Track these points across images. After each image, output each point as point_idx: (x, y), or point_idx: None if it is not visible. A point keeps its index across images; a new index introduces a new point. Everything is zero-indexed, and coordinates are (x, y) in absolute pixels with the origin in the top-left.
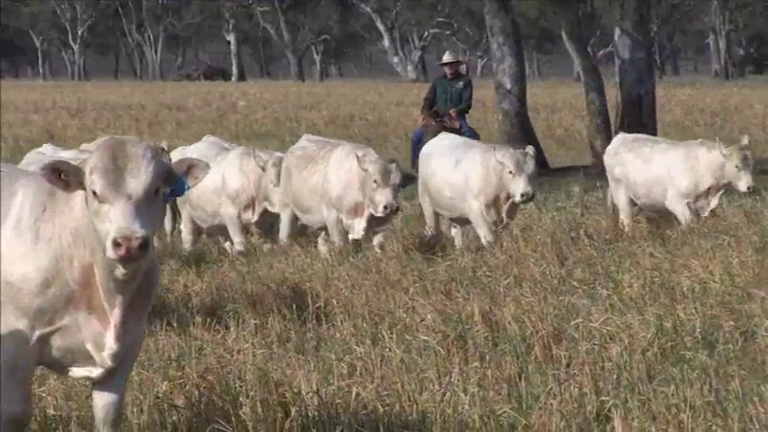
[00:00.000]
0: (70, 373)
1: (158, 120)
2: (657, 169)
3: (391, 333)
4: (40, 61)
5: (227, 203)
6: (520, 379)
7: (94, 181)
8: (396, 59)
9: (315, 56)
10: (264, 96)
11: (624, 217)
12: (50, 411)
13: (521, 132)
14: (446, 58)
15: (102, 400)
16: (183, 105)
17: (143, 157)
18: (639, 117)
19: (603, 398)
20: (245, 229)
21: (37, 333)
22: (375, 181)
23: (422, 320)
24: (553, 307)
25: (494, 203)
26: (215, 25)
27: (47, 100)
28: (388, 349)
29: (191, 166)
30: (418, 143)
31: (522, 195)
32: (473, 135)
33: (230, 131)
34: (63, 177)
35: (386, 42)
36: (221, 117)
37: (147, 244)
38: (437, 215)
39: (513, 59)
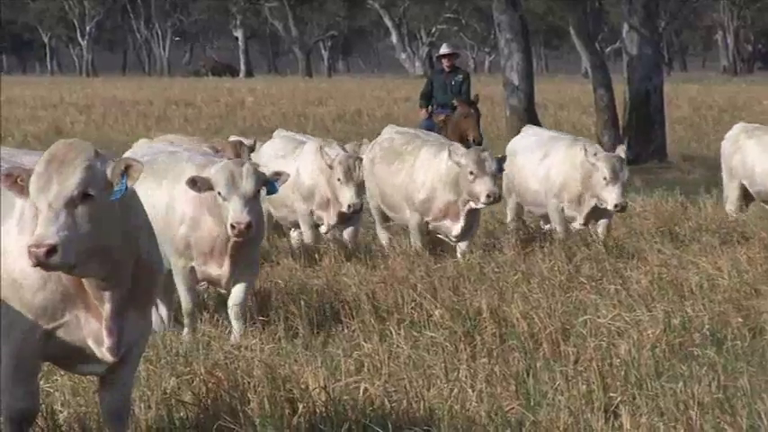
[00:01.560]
0: (76, 370)
1: (166, 116)
2: None
3: (399, 329)
4: (47, 57)
5: (299, 199)
6: (528, 375)
7: (31, 183)
8: (403, 55)
9: (323, 52)
10: (272, 92)
11: (732, 208)
12: (57, 407)
13: None
14: (443, 49)
15: (108, 397)
16: (190, 101)
17: (73, 161)
18: (648, 113)
19: (611, 394)
20: (316, 226)
21: (41, 329)
22: (471, 172)
23: (429, 317)
24: (561, 303)
25: (577, 200)
26: (223, 21)
27: (54, 96)
28: (395, 345)
29: (128, 167)
30: None
31: (616, 206)
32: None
33: (238, 127)
34: (19, 182)
35: (393, 38)
36: (229, 113)
37: (52, 252)
38: (519, 207)
39: (521, 55)
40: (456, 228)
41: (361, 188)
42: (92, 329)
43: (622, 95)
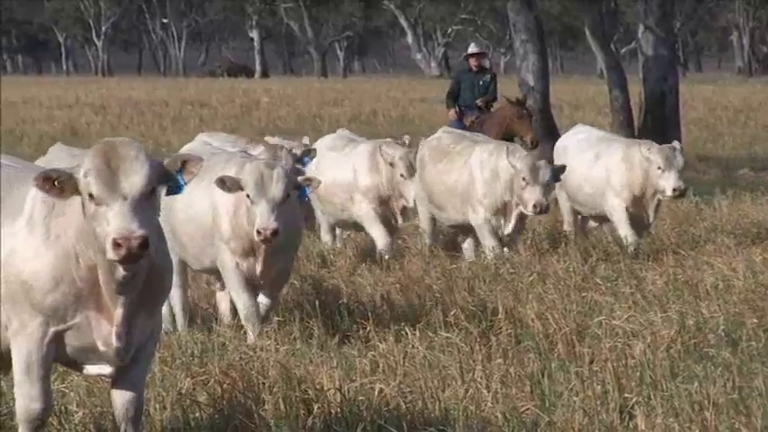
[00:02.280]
0: (84, 371)
1: (182, 116)
2: None
3: (414, 330)
4: (63, 57)
5: (360, 200)
6: (543, 376)
7: (90, 183)
8: (419, 56)
9: (338, 52)
10: (287, 93)
11: None
12: (73, 407)
13: (544, 129)
14: (472, 48)
15: (121, 398)
16: (206, 102)
17: (135, 158)
18: (663, 114)
19: (626, 395)
20: (384, 225)
21: (51, 330)
22: (524, 178)
23: (445, 317)
24: (576, 304)
25: (638, 201)
26: (238, 22)
27: (70, 96)
28: (411, 346)
29: (185, 162)
30: None
31: (675, 191)
32: None
33: (253, 128)
34: (57, 185)
35: (409, 39)
36: (244, 113)
37: (147, 243)
38: (574, 211)
39: (537, 56)
40: (507, 227)
41: (545, 188)
42: (102, 331)
43: (638, 96)
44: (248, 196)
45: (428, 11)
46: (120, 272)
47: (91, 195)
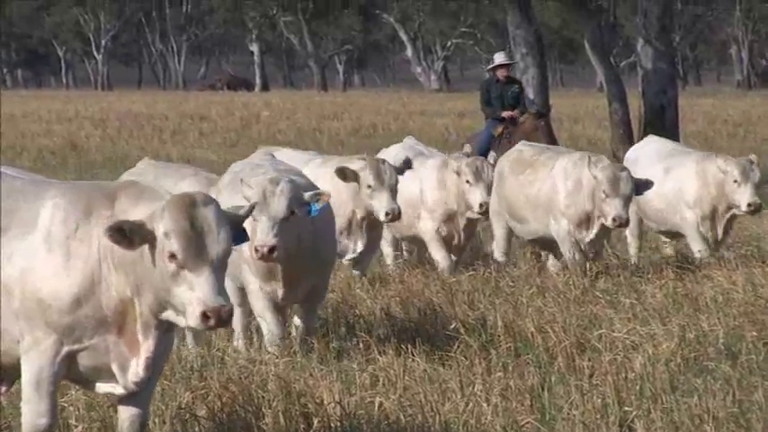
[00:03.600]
0: (96, 389)
1: (181, 129)
2: None
3: (414, 343)
4: (63, 71)
5: (426, 217)
6: (543, 389)
7: (173, 245)
8: (419, 69)
9: (338, 66)
10: (287, 106)
11: None
12: (72, 422)
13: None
14: (499, 59)
15: (126, 413)
16: (206, 115)
17: (218, 219)
18: (662, 127)
19: (626, 408)
20: (445, 244)
21: (65, 349)
22: (604, 190)
23: (445, 330)
24: (576, 317)
25: (710, 216)
26: (238, 35)
27: (70, 110)
28: (411, 359)
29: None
30: (486, 153)
31: (750, 206)
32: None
33: (253, 141)
34: (128, 235)
35: (409, 52)
36: (244, 127)
37: (232, 313)
38: (641, 224)
39: (536, 69)
40: (589, 237)
41: (626, 201)
42: (119, 354)
43: (637, 109)
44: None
45: (428, 24)
46: (182, 323)
47: (173, 255)
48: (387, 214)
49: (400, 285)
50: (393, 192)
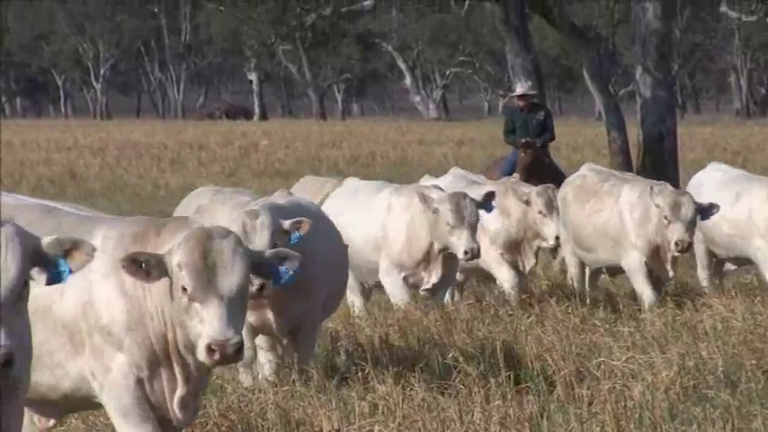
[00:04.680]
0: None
1: (180, 158)
2: None
3: (413, 372)
4: (62, 100)
5: (488, 246)
6: (542, 418)
7: (184, 278)
8: (417, 98)
9: (336, 94)
10: (286, 135)
11: None
12: None
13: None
14: (519, 89)
15: None
16: (204, 144)
17: (234, 254)
18: (661, 155)
19: None
20: (512, 268)
21: (134, 374)
22: (665, 216)
23: (444, 359)
24: (575, 345)
25: None
26: (237, 64)
27: (69, 139)
28: (409, 388)
29: (284, 258)
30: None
31: None
32: (559, 172)
33: (252, 170)
34: (144, 268)
35: (407, 81)
36: (243, 156)
37: (241, 349)
38: (710, 254)
39: None
40: (666, 269)
41: (688, 226)
42: (171, 389)
43: (636, 138)
44: None
45: (426, 53)
46: (206, 366)
47: (184, 288)
48: (465, 253)
49: (399, 314)
50: (473, 229)
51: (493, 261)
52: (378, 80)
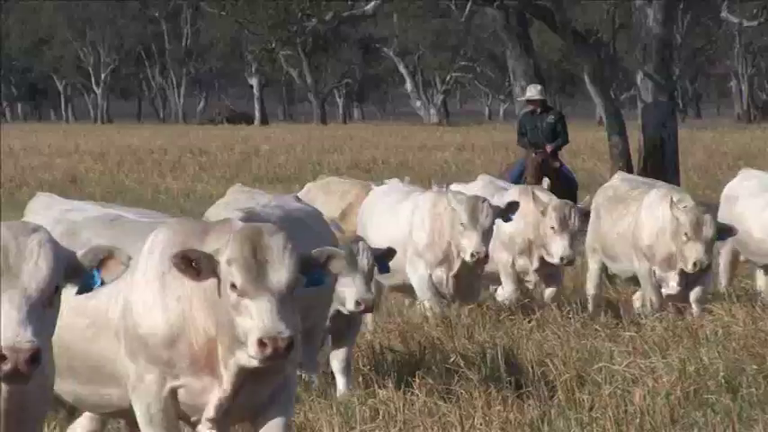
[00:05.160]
0: (197, 429)
1: (181, 163)
2: None
3: (414, 376)
4: (62, 105)
5: (500, 248)
6: (543, 423)
7: (233, 273)
8: (418, 103)
9: (337, 99)
10: (287, 140)
11: None
12: None
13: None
14: (530, 93)
15: None
16: (205, 149)
17: (283, 250)
18: (662, 160)
19: None
20: (517, 277)
21: (168, 385)
22: (686, 233)
23: (445, 364)
24: (576, 350)
25: None
26: (238, 69)
27: (70, 144)
28: (410, 393)
29: (330, 257)
30: (518, 180)
31: None
32: (569, 177)
33: (253, 175)
34: (194, 265)
35: (408, 86)
36: (244, 161)
37: (292, 344)
38: (733, 264)
39: None
40: (673, 281)
41: (708, 245)
42: (214, 396)
43: (637, 142)
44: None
45: (427, 58)
46: (256, 364)
47: (233, 285)
48: (472, 255)
49: (399, 319)
50: (485, 233)
51: (501, 267)
52: (379, 85)
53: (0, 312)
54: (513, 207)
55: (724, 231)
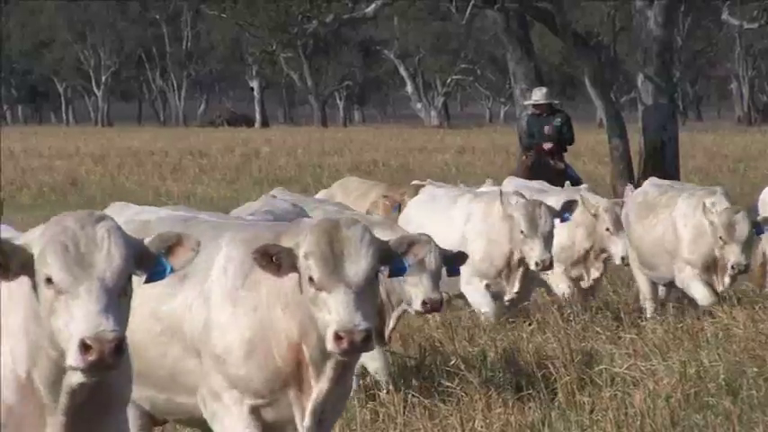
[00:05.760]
0: None
1: (181, 166)
2: None
3: (414, 379)
4: (63, 107)
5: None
6: (543, 425)
7: (311, 267)
8: (419, 105)
9: (338, 102)
10: (287, 142)
11: None
12: None
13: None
14: (535, 97)
15: None
16: (206, 151)
17: (361, 241)
18: (662, 163)
19: None
20: (572, 283)
21: (247, 404)
22: (720, 237)
23: (445, 366)
24: (577, 353)
25: None
26: (238, 72)
27: (70, 146)
28: (411, 395)
29: (411, 244)
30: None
31: None
32: (574, 177)
33: (253, 178)
34: (275, 261)
35: (409, 88)
36: (244, 163)
37: (371, 336)
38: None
39: None
40: (720, 284)
41: (745, 246)
42: (301, 409)
43: (637, 145)
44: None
45: (428, 61)
46: (337, 358)
47: (311, 278)
48: (537, 264)
49: (400, 322)
50: (546, 239)
51: (555, 278)
52: (379, 87)
53: (79, 304)
54: (569, 206)
55: (759, 226)
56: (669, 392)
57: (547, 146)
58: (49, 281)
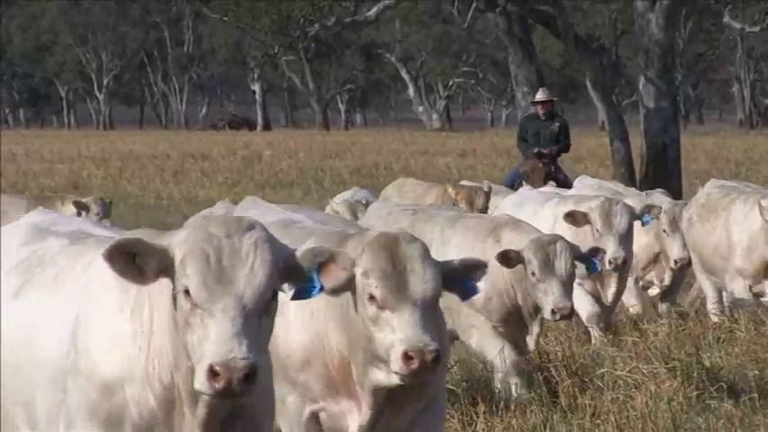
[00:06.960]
0: None
1: (183, 169)
2: None
3: None
4: (65, 110)
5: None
6: (545, 428)
7: (371, 285)
8: (420, 108)
9: (340, 105)
10: (289, 145)
11: None
12: None
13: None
14: (539, 95)
15: None
16: (208, 155)
17: (423, 258)
18: (664, 166)
19: None
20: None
21: (307, 408)
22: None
23: (447, 369)
24: (578, 356)
25: None
26: (240, 75)
27: (72, 149)
28: None
29: (472, 269)
30: (511, 188)
31: None
32: (565, 181)
33: (255, 181)
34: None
35: (411, 92)
36: (246, 166)
37: (439, 357)
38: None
39: None
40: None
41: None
42: (354, 419)
43: (639, 148)
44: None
45: (429, 64)
46: (399, 381)
47: (372, 297)
48: (609, 262)
49: None
50: (621, 237)
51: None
52: (381, 91)
53: (213, 324)
54: (651, 210)
55: None
56: (671, 395)
57: (548, 150)
58: (187, 292)
